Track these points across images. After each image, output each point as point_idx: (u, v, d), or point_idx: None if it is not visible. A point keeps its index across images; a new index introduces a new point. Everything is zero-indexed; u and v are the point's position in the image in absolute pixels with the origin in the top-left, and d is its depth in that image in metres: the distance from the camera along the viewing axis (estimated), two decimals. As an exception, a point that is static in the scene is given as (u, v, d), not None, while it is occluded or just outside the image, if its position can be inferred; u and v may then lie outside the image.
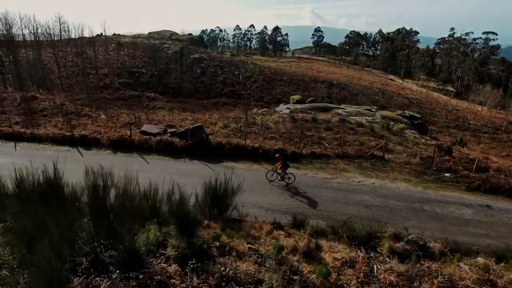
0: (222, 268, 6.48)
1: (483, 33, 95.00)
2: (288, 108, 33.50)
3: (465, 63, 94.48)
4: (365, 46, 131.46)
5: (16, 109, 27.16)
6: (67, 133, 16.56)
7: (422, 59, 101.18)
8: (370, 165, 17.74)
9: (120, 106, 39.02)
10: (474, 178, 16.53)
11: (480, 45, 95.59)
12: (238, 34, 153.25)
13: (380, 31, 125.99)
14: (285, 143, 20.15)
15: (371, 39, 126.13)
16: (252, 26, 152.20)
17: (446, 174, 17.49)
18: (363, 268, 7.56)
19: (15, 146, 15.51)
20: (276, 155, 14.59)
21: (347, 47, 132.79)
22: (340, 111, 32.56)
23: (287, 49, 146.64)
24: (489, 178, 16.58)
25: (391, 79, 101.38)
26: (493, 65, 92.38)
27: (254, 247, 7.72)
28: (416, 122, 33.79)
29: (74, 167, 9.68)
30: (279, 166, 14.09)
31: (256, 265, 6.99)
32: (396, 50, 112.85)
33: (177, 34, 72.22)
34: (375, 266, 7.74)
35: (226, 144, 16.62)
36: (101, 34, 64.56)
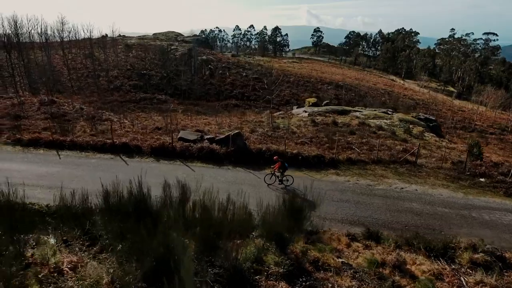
0: (330, 285, 6.53)
1: (484, 33, 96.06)
2: (306, 111, 33.58)
3: (466, 63, 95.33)
4: (365, 47, 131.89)
5: (37, 113, 26.99)
6: (108, 140, 16.48)
7: (423, 60, 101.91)
8: (406, 171, 17.89)
9: (134, 108, 38.86)
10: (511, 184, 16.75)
11: (480, 46, 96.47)
12: (238, 34, 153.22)
13: (380, 32, 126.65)
14: (318, 148, 20.24)
15: (372, 40, 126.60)
16: (251, 26, 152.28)
17: (481, 179, 17.69)
18: (454, 281, 7.65)
19: (58, 155, 15.40)
20: (274, 157, 14.56)
21: (347, 48, 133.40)
22: (357, 114, 32.76)
23: (287, 50, 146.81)
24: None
25: (393, 80, 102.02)
26: (493, 66, 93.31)
27: (346, 261, 7.78)
28: (431, 124, 34.09)
29: (124, 177, 9.69)
30: (277, 168, 14.05)
31: (355, 280, 7.05)
32: (396, 50, 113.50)
33: (182, 35, 71.92)
34: (462, 279, 7.84)
35: (266, 150, 16.67)
36: (106, 35, 64.21)
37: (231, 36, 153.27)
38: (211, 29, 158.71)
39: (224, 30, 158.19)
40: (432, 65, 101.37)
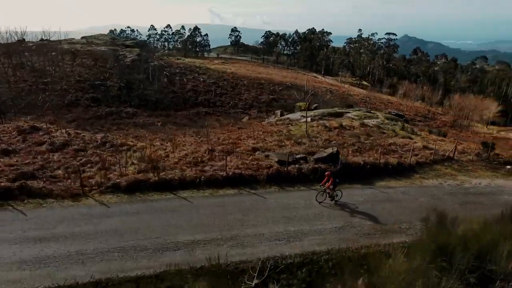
0: None
1: (386, 33, 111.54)
2: (303, 116, 34.81)
3: (375, 60, 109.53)
4: (284, 46, 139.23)
5: (30, 147, 22.10)
6: (220, 173, 14.83)
7: (340, 57, 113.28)
8: (458, 167, 20.75)
9: (110, 127, 34.46)
10: (533, 168, 21.00)
11: (384, 44, 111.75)
12: (154, 34, 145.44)
13: (296, 32, 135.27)
14: (363, 153, 21.61)
15: (290, 39, 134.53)
16: (168, 26, 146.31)
17: (508, 167, 21.68)
18: None
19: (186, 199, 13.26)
20: (326, 173, 14.01)
21: (266, 47, 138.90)
22: (350, 115, 35.48)
23: (208, 49, 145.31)
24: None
25: (315, 77, 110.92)
26: (396, 61, 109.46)
27: None
28: (403, 119, 39.10)
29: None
30: (331, 185, 13.61)
31: None
32: (314, 49, 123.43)
33: (118, 38, 64.64)
34: None
35: (364, 163, 17.38)
36: (23, 39, 54.29)
37: (146, 36, 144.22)
38: (121, 29, 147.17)
39: (137, 30, 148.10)
40: (348, 62, 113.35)
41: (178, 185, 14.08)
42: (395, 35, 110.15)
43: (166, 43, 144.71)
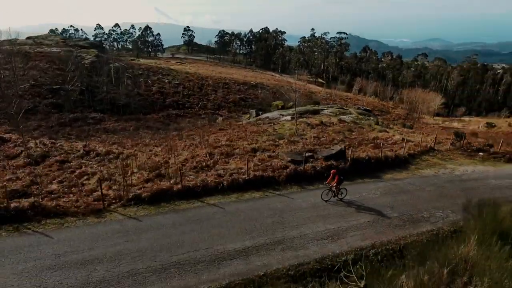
0: None
1: (338, 33, 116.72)
2: (282, 115, 35.28)
3: (328, 58, 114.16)
4: (239, 45, 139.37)
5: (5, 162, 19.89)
6: (242, 176, 14.42)
7: (296, 56, 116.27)
8: (441, 156, 22.49)
9: (78, 134, 31.95)
10: (502, 154, 23.47)
11: (336, 43, 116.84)
12: (100, 34, 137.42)
13: (251, 31, 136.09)
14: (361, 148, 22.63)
15: (245, 38, 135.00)
16: (117, 25, 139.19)
17: (480, 153, 23.96)
18: None
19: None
20: (332, 171, 14.07)
21: (220, 46, 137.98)
22: (325, 112, 36.68)
23: (161, 49, 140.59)
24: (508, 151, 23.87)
25: (272, 75, 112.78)
26: (348, 59, 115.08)
27: None
28: (371, 114, 41.35)
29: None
30: (337, 183, 13.72)
31: None
32: (270, 48, 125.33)
33: (71, 38, 59.46)
34: None
35: (368, 158, 18.12)
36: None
37: (93, 36, 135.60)
38: (64, 28, 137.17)
39: (82, 29, 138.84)
40: (303, 61, 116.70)
41: (202, 192, 13.51)
42: (346, 34, 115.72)
43: (115, 43, 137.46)
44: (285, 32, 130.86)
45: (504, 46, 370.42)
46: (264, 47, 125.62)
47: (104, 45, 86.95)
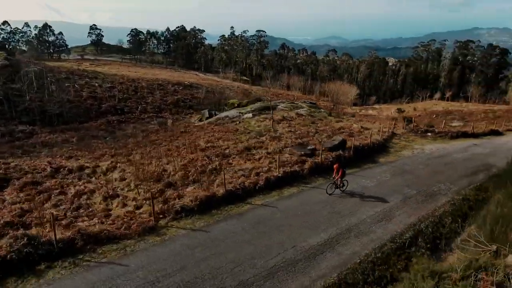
0: None
1: (257, 31, 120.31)
2: (241, 112, 35.37)
3: (250, 56, 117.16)
4: (156, 44, 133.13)
5: None
6: (273, 174, 14.17)
7: (219, 55, 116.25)
8: (403, 139, 25.61)
9: (14, 151, 27.19)
10: (445, 132, 27.80)
11: (256, 41, 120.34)
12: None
13: (168, 29, 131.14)
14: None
15: (163, 38, 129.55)
16: (5, 22, 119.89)
17: (429, 134, 27.97)
18: None
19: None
20: (335, 165, 14.21)
21: (136, 46, 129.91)
22: (280, 107, 37.96)
23: (66, 50, 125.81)
24: (448, 130, 28.36)
25: (196, 74, 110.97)
26: (269, 56, 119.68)
27: None
28: (317, 107, 44.21)
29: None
30: (341, 176, 13.98)
31: None
32: (190, 47, 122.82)
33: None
34: None
35: (363, 145, 19.67)
36: None
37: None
38: None
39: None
40: (226, 59, 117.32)
41: (244, 194, 13.06)
42: (265, 32, 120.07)
43: (6, 44, 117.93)
44: (204, 31, 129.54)
45: (387, 42, 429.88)
46: (184, 46, 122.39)
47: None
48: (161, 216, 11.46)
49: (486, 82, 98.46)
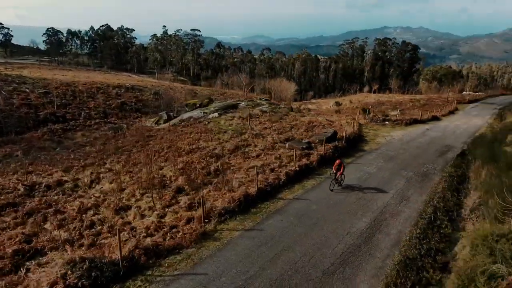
0: None
1: (191, 30, 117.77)
2: (205, 112, 34.72)
3: (186, 55, 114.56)
4: (79, 45, 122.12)
5: None
6: (291, 169, 14.27)
7: (153, 55, 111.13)
8: (370, 128, 27.89)
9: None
10: (400, 120, 30.95)
11: (191, 40, 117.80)
12: None
13: (92, 29, 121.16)
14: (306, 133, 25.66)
15: (87, 38, 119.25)
16: None
17: (387, 122, 30.88)
18: None
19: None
20: (337, 161, 14.22)
21: (55, 47, 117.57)
22: (242, 105, 38.14)
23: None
24: (402, 118, 31.62)
25: (129, 76, 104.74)
26: (206, 56, 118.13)
27: None
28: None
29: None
30: (342, 171, 14.13)
31: None
32: (120, 47, 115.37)
33: None
34: None
35: (349, 136, 21.01)
36: None
37: None
38: None
39: None
40: (161, 59, 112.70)
41: (272, 191, 13.12)
42: (199, 31, 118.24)
43: None
44: (133, 30, 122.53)
45: (310, 40, 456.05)
46: (113, 46, 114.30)
47: None
48: (206, 220, 10.97)
49: (402, 75, 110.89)
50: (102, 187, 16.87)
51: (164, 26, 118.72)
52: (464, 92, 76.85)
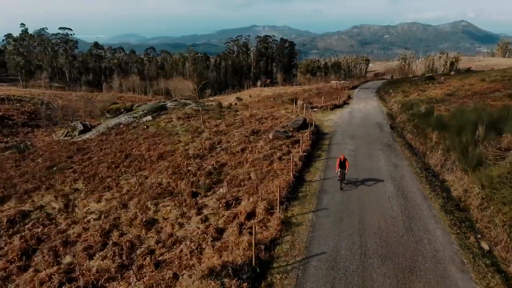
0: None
1: (60, 28, 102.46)
2: (134, 116, 32.04)
3: (59, 58, 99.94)
4: None
5: None
6: (297, 154, 15.10)
7: (15, 59, 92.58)
8: (315, 113, 30.92)
9: None
10: (325, 106, 35.16)
11: (61, 40, 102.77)
12: None
13: None
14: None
15: None
16: None
17: (315, 109, 34.58)
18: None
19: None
20: (341, 156, 13.31)
21: None
22: (169, 105, 36.57)
23: None
24: (326, 104, 35.95)
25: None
26: (82, 57, 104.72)
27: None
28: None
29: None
30: (348, 167, 13.31)
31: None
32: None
33: None
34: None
35: (307, 120, 23.10)
36: None
37: None
38: None
39: None
40: (25, 63, 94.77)
41: (300, 176, 14.00)
42: (71, 30, 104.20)
43: None
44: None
45: (185, 39, 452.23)
46: None
47: None
48: (271, 211, 11.14)
49: (284, 69, 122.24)
50: (88, 209, 14.55)
51: (23, 24, 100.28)
52: (332, 82, 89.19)
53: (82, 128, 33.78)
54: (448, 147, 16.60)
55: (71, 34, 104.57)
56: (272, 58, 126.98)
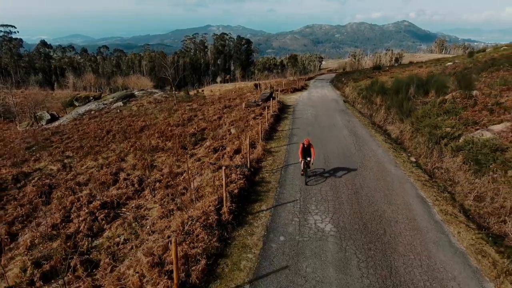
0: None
1: (2, 25, 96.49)
2: (103, 103, 33.06)
3: (2, 57, 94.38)
4: None
5: None
6: (270, 113, 17.98)
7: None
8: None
9: None
10: (286, 89, 38.56)
11: (4, 38, 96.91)
12: None
13: None
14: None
15: None
16: None
17: (277, 91, 37.83)
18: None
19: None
20: (305, 140, 10.54)
21: None
22: (137, 93, 37.79)
23: None
24: (287, 88, 39.34)
25: None
26: (27, 56, 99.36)
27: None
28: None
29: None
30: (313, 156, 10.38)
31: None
32: None
33: None
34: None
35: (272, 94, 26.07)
36: None
37: None
38: None
39: None
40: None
41: (272, 126, 16.84)
42: (15, 27, 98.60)
43: None
44: None
45: (137, 39, 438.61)
46: None
47: None
48: (254, 146, 13.93)
49: (242, 66, 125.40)
50: (87, 166, 16.25)
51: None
52: (290, 77, 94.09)
53: (49, 117, 34.01)
54: (389, 106, 20.51)
55: (15, 31, 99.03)
56: (230, 56, 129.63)
